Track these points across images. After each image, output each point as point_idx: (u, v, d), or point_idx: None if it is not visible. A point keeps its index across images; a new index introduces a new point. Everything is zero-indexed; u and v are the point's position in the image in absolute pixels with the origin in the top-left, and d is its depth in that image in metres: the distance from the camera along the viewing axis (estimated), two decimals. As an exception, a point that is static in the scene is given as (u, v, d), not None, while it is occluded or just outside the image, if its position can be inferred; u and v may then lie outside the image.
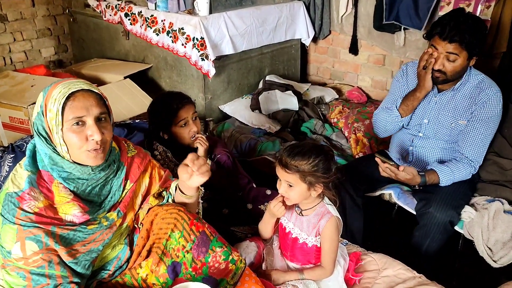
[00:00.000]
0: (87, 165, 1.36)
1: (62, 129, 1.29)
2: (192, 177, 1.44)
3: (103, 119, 1.35)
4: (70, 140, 1.30)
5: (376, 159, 2.07)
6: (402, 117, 2.19)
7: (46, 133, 1.32)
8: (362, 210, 2.20)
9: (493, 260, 1.97)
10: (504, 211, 2.02)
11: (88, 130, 1.31)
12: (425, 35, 2.10)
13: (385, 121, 2.25)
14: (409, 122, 2.23)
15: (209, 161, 2.05)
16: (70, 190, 1.36)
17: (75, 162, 1.35)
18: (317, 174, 1.50)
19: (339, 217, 1.62)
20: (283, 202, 1.61)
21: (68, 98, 1.28)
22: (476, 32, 1.92)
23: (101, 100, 1.36)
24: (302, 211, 1.65)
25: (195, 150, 2.03)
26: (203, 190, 1.65)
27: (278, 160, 1.55)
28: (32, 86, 2.94)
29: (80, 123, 1.30)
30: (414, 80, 2.20)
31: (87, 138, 1.31)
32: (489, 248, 1.98)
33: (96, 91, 1.36)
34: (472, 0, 2.76)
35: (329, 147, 2.96)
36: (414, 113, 2.21)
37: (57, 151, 1.33)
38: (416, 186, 2.13)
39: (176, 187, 1.58)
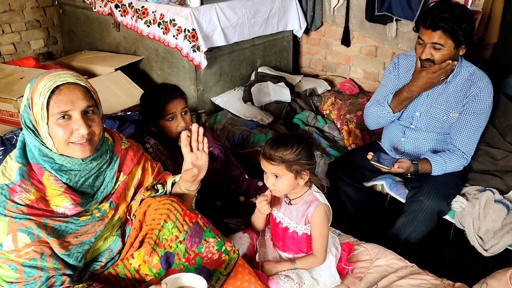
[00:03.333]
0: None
1: (47, 123, 1.27)
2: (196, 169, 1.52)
3: (90, 112, 1.33)
4: (56, 134, 1.28)
5: (371, 162, 2.07)
6: (394, 113, 2.19)
7: (33, 126, 1.30)
8: (369, 197, 2.25)
9: (484, 249, 1.99)
10: (495, 201, 2.04)
11: (74, 124, 1.29)
12: (414, 28, 2.09)
13: (376, 115, 2.25)
14: (400, 115, 2.23)
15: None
16: (63, 182, 1.35)
17: (63, 155, 1.33)
18: (301, 161, 1.52)
19: (328, 204, 1.63)
20: (270, 199, 1.63)
21: (53, 91, 1.26)
22: (460, 20, 1.90)
23: (88, 93, 1.33)
24: (290, 200, 1.66)
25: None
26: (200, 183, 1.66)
27: (262, 154, 1.57)
28: (21, 78, 2.91)
29: (66, 117, 1.28)
30: (405, 72, 2.21)
31: (73, 131, 1.30)
32: (480, 237, 2.00)
33: (83, 83, 1.33)
34: (464, -9, 2.76)
35: (308, 134, 2.99)
36: (406, 106, 2.21)
37: (45, 144, 1.32)
38: (408, 174, 2.14)
39: (172, 184, 1.60)
